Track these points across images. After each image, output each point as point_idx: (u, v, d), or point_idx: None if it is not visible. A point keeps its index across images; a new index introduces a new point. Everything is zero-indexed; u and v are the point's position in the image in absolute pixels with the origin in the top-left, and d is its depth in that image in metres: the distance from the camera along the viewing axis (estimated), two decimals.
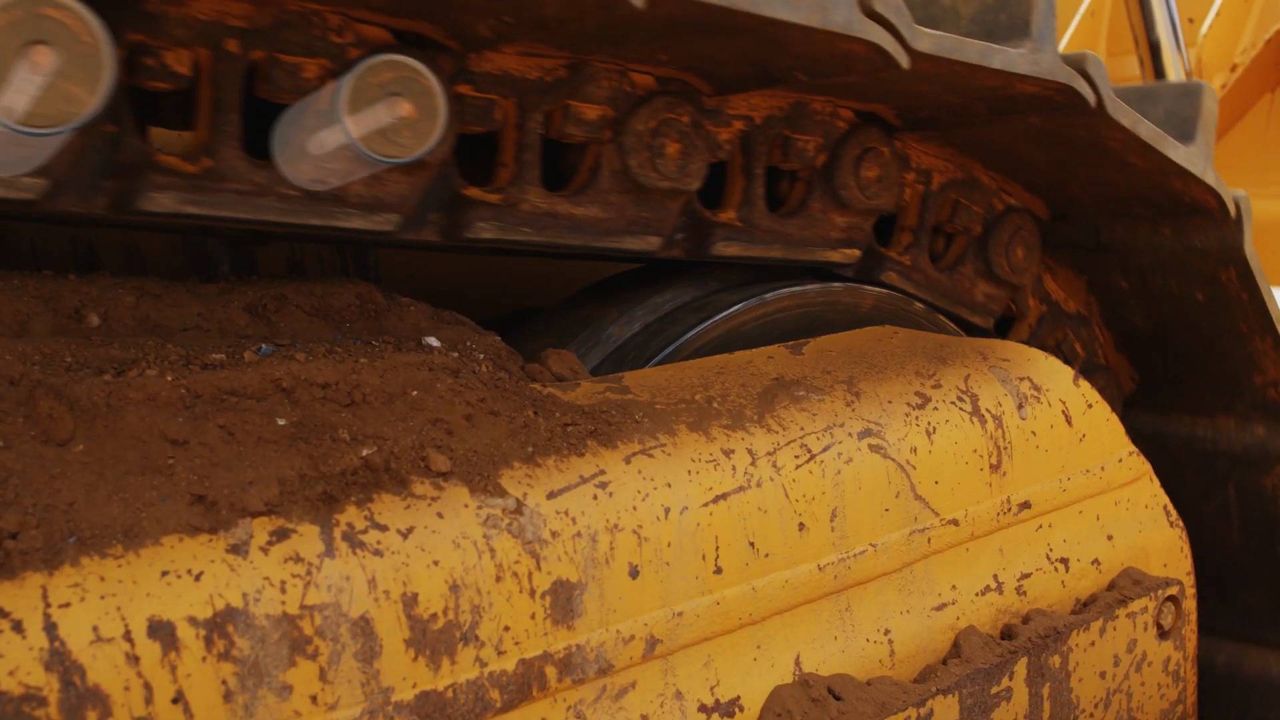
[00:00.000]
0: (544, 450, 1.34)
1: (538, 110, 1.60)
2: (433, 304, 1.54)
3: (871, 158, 1.94)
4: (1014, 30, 1.77)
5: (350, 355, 1.32)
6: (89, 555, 1.03)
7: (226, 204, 1.38)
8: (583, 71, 1.61)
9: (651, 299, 1.86)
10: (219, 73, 1.36)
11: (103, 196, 1.33)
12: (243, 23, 1.35)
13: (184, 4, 1.31)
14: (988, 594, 1.74)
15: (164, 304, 1.34)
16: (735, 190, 1.85)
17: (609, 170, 1.67)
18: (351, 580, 1.15)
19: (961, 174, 2.14)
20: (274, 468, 1.16)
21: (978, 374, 1.81)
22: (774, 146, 1.86)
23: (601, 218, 1.68)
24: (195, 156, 1.36)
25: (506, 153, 1.61)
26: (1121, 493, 1.97)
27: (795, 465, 1.53)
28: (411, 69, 1.32)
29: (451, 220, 1.57)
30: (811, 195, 1.92)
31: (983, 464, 1.74)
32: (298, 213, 1.42)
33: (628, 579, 1.35)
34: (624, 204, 1.69)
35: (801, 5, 1.40)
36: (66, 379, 1.15)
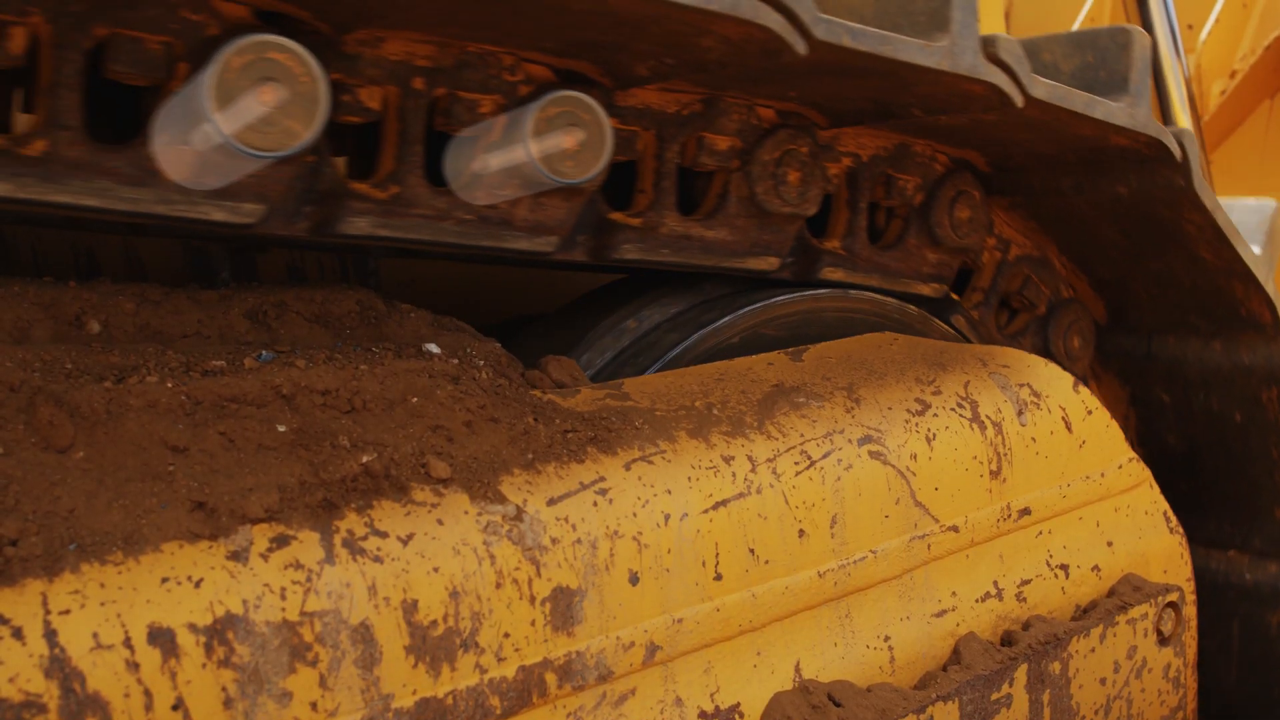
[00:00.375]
0: (544, 457, 1.34)
1: (675, 141, 1.75)
2: (433, 311, 1.54)
3: (964, 200, 2.10)
4: (1112, 86, 1.90)
5: (350, 362, 1.32)
6: (89, 562, 1.03)
7: (413, 228, 1.52)
8: (716, 106, 1.76)
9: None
10: (406, 108, 1.49)
11: (305, 221, 1.46)
12: (428, 63, 1.48)
13: (378, 46, 1.44)
14: (988, 600, 1.74)
15: (164, 311, 1.34)
16: (840, 221, 2.00)
17: (736, 196, 1.82)
18: (351, 587, 1.15)
19: (1037, 252, 2.31)
20: (274, 474, 1.16)
21: (978, 380, 1.81)
22: (877, 183, 2.02)
23: (729, 240, 1.83)
24: (384, 184, 1.49)
25: (645, 180, 1.76)
26: (1121, 499, 1.97)
27: (795, 472, 1.53)
28: (584, 104, 1.47)
29: (599, 242, 1.72)
30: (908, 231, 2.08)
31: (983, 470, 1.74)
32: (472, 235, 1.56)
33: (628, 585, 1.35)
34: (749, 227, 1.85)
35: (934, 51, 1.56)
36: (67, 386, 1.15)
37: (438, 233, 1.53)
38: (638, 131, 1.71)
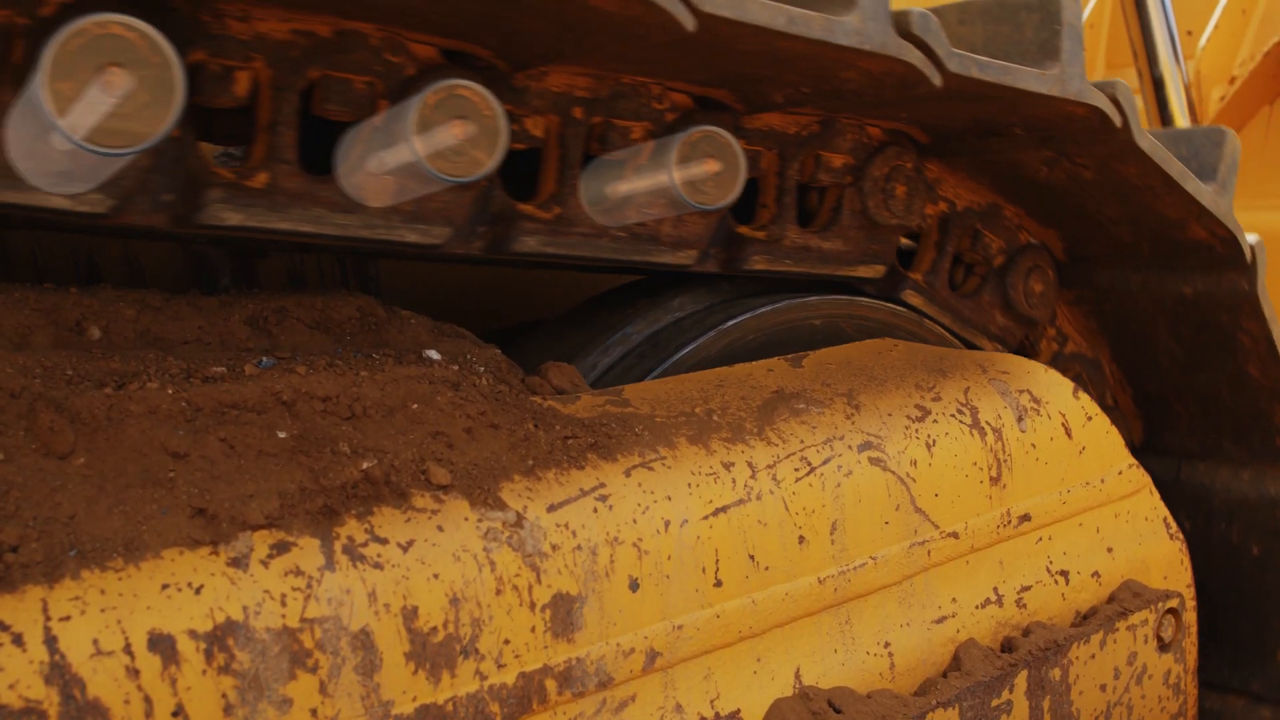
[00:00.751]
0: (544, 463, 1.34)
1: (795, 160, 1.88)
2: (433, 317, 1.54)
3: (1039, 275, 2.26)
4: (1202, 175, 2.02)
5: (351, 368, 1.32)
6: (89, 568, 1.03)
7: (576, 245, 1.64)
8: (832, 127, 1.90)
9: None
10: (566, 135, 1.62)
11: (479, 241, 1.57)
12: (586, 94, 1.62)
13: (542, 80, 1.57)
14: (988, 606, 1.74)
15: (165, 317, 1.34)
16: (926, 258, 2.16)
17: (849, 209, 1.97)
18: (352, 593, 1.15)
19: (1091, 353, 2.42)
20: (274, 481, 1.16)
21: (977, 386, 1.81)
22: (965, 234, 2.18)
23: (843, 250, 1.98)
24: (548, 205, 1.61)
25: (768, 195, 1.89)
26: (1121, 505, 1.97)
27: (795, 478, 1.53)
28: (722, 137, 1.60)
29: (729, 254, 1.86)
30: (984, 287, 2.23)
31: (983, 476, 1.74)
32: (625, 250, 1.69)
33: (628, 592, 1.35)
34: (860, 238, 2.00)
35: (1047, 79, 1.69)
36: (67, 392, 1.15)
37: (596, 249, 1.66)
38: (761, 151, 1.85)
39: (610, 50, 1.46)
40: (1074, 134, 1.89)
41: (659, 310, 1.86)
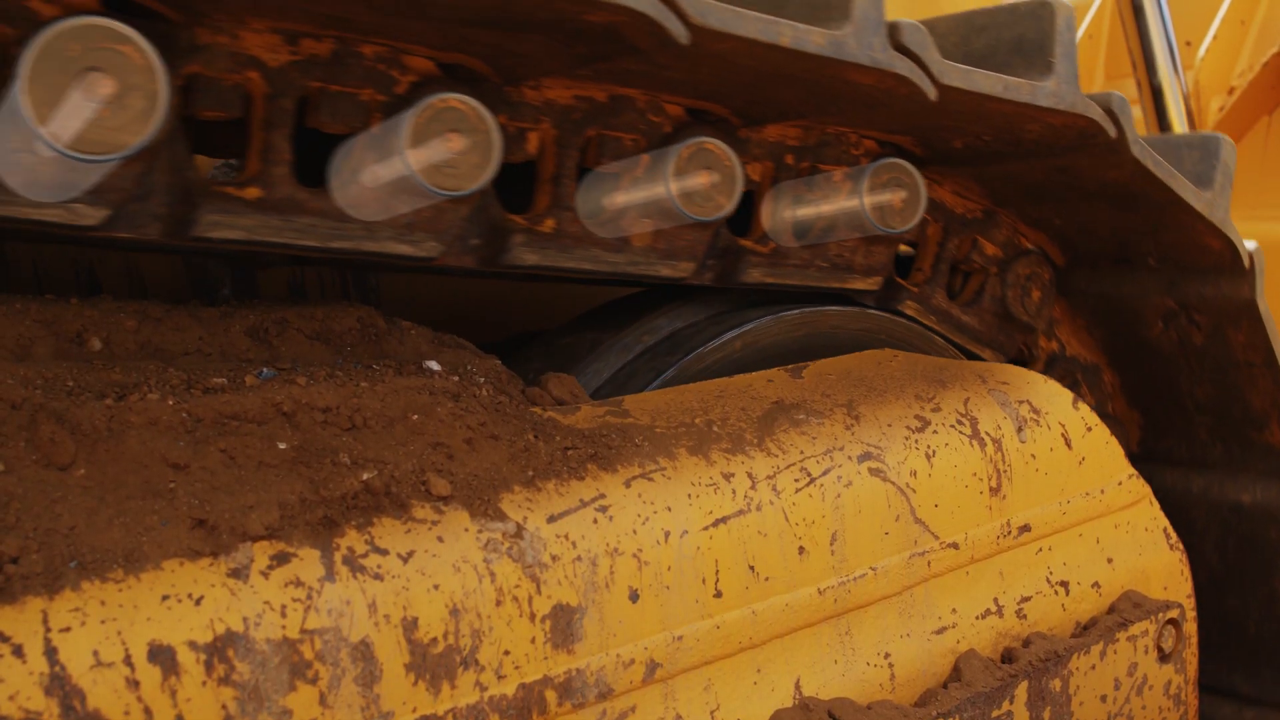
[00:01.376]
0: (544, 474, 1.34)
1: (955, 236, 2.13)
2: (433, 328, 1.54)
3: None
4: None
5: (351, 379, 1.32)
6: (90, 579, 1.03)
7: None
8: (994, 218, 2.17)
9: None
10: (779, 178, 1.84)
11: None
12: (796, 143, 1.84)
13: (761, 130, 1.79)
14: (988, 617, 1.74)
15: (165, 328, 1.34)
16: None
17: (990, 295, 2.21)
18: (352, 604, 1.15)
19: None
20: (275, 492, 1.16)
21: (977, 397, 1.81)
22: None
23: (978, 328, 2.21)
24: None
25: (925, 261, 2.14)
26: (1121, 515, 1.97)
27: (795, 489, 1.53)
28: (906, 169, 1.81)
29: (885, 295, 2.08)
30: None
31: (982, 487, 1.74)
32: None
33: (628, 603, 1.35)
34: (994, 323, 2.23)
35: (1202, 197, 1.92)
36: (68, 403, 1.15)
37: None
38: (929, 220, 2.10)
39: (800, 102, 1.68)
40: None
41: None
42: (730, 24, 1.35)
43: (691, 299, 1.89)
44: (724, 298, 1.92)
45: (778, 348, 1.87)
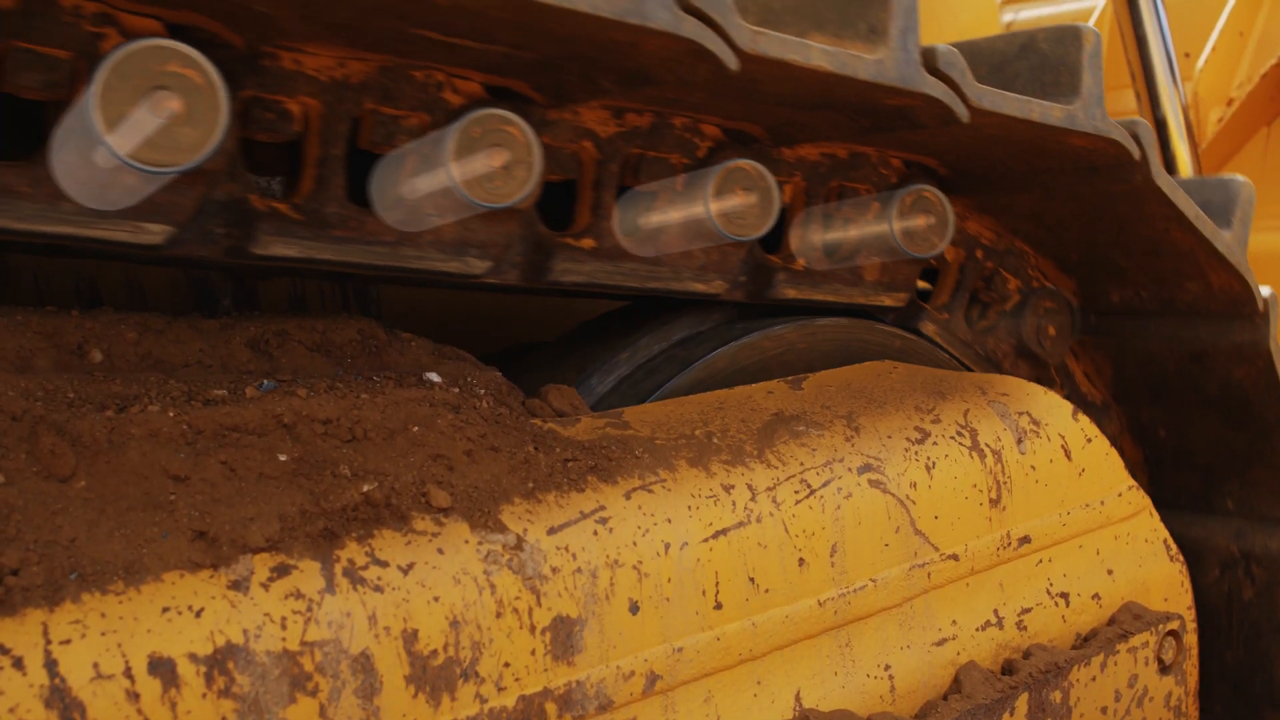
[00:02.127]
0: (544, 486, 1.34)
1: (977, 264, 2.23)
2: (434, 339, 1.54)
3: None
4: None
5: (351, 391, 1.32)
6: (90, 591, 1.03)
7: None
8: (1015, 250, 2.27)
9: None
10: (810, 198, 1.89)
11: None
12: (828, 162, 1.89)
13: (793, 150, 1.83)
14: (988, 629, 1.74)
15: (166, 339, 1.35)
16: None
17: (1006, 327, 2.30)
18: (352, 616, 1.15)
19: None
20: (275, 504, 1.16)
21: (977, 409, 1.81)
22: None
23: (992, 352, 2.29)
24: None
25: (945, 288, 2.23)
26: (1121, 527, 1.97)
27: (795, 500, 1.53)
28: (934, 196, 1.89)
29: (907, 315, 2.15)
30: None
31: (982, 499, 1.74)
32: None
33: (628, 615, 1.35)
34: (1011, 354, 2.31)
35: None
36: (69, 415, 1.15)
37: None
38: (950, 245, 2.18)
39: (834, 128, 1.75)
40: None
41: None
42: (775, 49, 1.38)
43: (683, 311, 1.90)
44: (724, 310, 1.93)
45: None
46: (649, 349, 1.84)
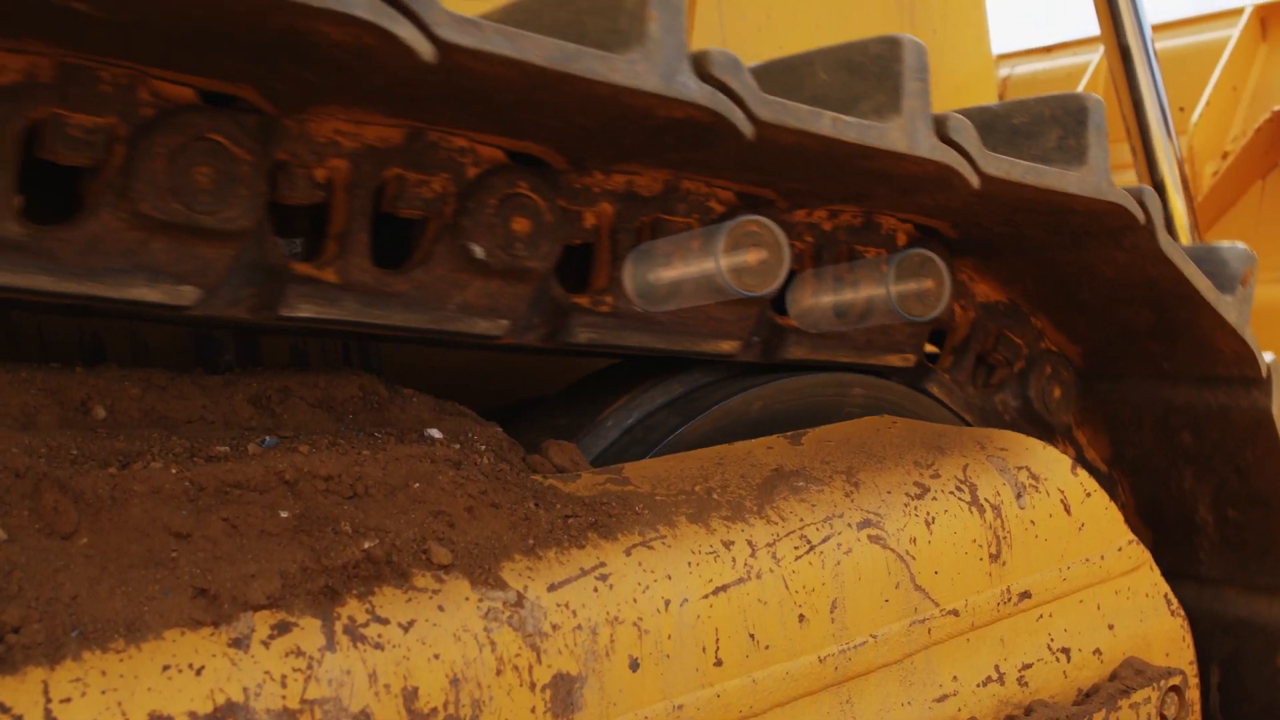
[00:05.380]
0: (545, 542, 1.34)
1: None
2: (435, 395, 1.55)
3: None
4: None
5: (353, 447, 1.33)
6: (91, 649, 1.04)
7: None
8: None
9: None
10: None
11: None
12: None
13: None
14: (989, 685, 1.74)
15: (169, 396, 1.35)
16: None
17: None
18: (352, 674, 1.15)
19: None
20: (276, 561, 1.17)
21: (976, 463, 1.82)
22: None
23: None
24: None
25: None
26: (1122, 581, 1.97)
27: (795, 556, 1.53)
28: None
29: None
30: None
31: (982, 554, 1.75)
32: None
33: (628, 672, 1.35)
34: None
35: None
36: (72, 472, 1.16)
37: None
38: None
39: None
40: None
41: None
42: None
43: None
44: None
45: None
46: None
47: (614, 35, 1.32)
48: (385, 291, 1.47)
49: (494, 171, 1.53)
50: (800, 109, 1.44)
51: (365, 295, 1.45)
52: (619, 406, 1.84)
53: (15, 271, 1.22)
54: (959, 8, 3.53)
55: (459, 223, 1.50)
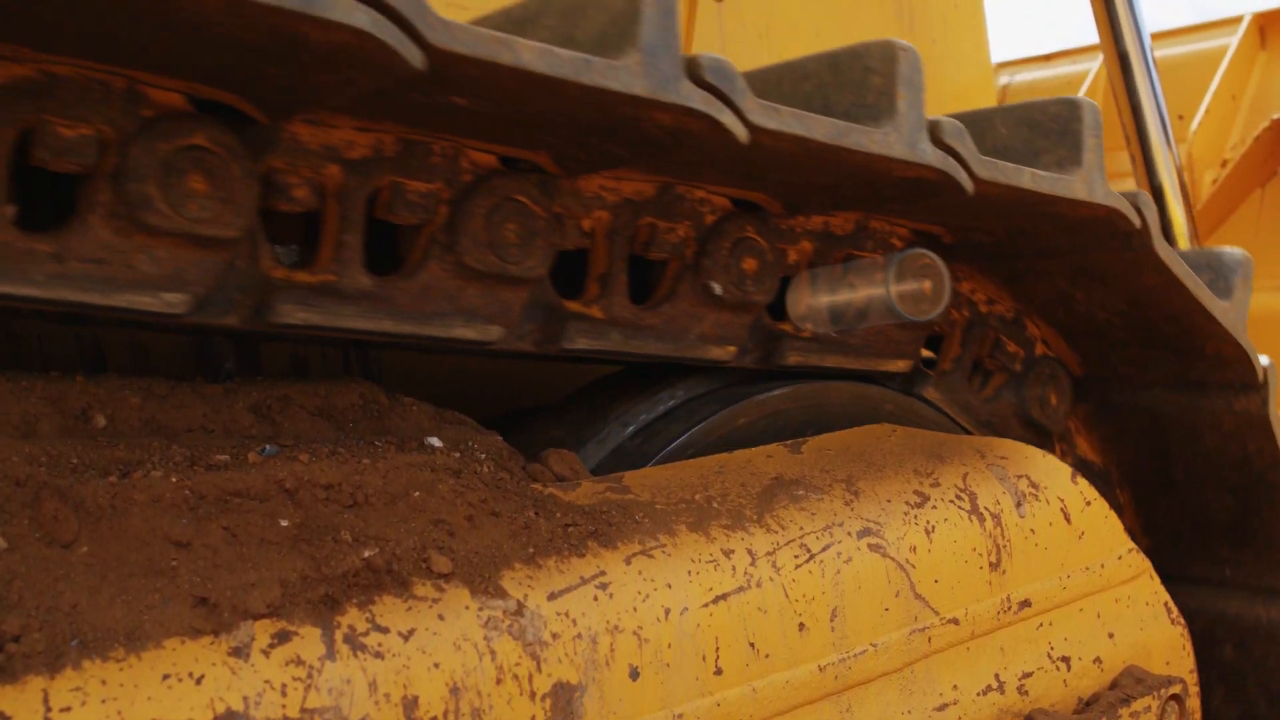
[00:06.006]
0: (545, 551, 1.34)
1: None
2: (435, 404, 1.55)
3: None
4: None
5: (353, 456, 1.33)
6: (91, 658, 1.03)
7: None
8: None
9: None
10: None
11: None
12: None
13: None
14: (989, 694, 1.74)
15: (170, 405, 1.35)
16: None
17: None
18: (352, 683, 1.15)
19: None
20: (276, 569, 1.17)
21: (976, 472, 1.82)
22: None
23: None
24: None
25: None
26: (1122, 590, 1.97)
27: (795, 565, 1.53)
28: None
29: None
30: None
31: (982, 562, 1.75)
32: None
33: (628, 680, 1.35)
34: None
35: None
36: (72, 480, 1.16)
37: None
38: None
39: None
40: None
41: None
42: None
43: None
44: None
45: None
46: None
47: (862, 109, 1.56)
48: (640, 325, 1.71)
49: (726, 218, 1.75)
50: (1008, 167, 1.66)
51: (626, 329, 1.70)
52: None
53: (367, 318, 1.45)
54: (958, 15, 3.53)
55: (700, 263, 1.73)
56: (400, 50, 1.09)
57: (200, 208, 1.27)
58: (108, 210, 1.25)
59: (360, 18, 1.05)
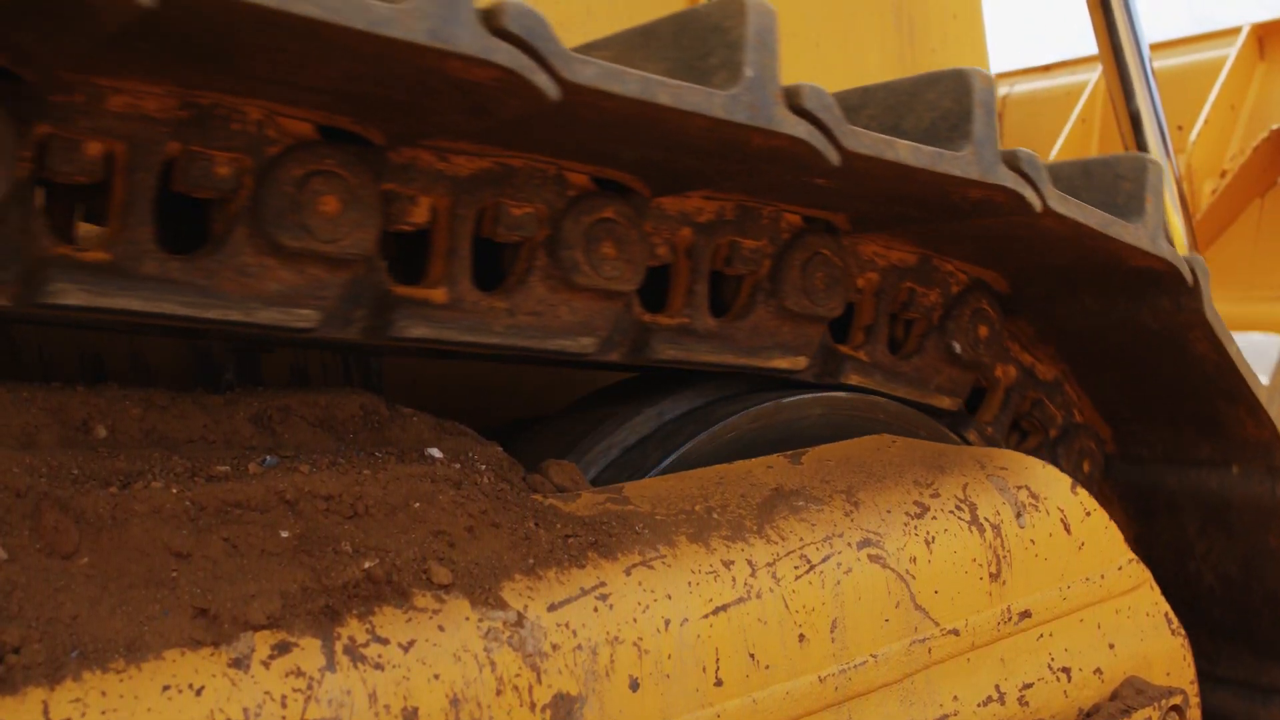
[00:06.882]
0: (545, 562, 1.34)
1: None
2: (435, 414, 1.55)
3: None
4: None
5: (354, 467, 1.33)
6: (91, 670, 1.03)
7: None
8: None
9: None
10: None
11: None
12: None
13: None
14: (990, 705, 1.73)
15: (170, 415, 1.36)
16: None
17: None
18: (352, 694, 1.15)
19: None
20: (276, 580, 1.17)
21: (976, 483, 1.82)
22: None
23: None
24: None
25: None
26: (1122, 600, 1.97)
27: (795, 576, 1.53)
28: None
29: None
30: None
31: (982, 573, 1.74)
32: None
33: (628, 692, 1.34)
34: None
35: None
36: (73, 491, 1.16)
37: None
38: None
39: None
40: None
41: None
42: None
43: None
44: None
45: None
46: None
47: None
48: (896, 371, 2.05)
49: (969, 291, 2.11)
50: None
51: (884, 373, 2.05)
52: None
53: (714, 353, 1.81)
54: (958, 27, 3.54)
55: (944, 326, 2.11)
56: (824, 152, 1.44)
57: (612, 268, 1.59)
58: (544, 272, 1.55)
59: (800, 129, 1.40)
